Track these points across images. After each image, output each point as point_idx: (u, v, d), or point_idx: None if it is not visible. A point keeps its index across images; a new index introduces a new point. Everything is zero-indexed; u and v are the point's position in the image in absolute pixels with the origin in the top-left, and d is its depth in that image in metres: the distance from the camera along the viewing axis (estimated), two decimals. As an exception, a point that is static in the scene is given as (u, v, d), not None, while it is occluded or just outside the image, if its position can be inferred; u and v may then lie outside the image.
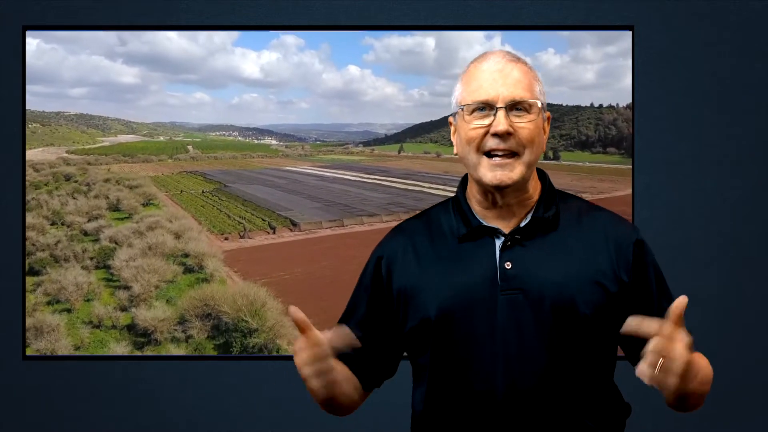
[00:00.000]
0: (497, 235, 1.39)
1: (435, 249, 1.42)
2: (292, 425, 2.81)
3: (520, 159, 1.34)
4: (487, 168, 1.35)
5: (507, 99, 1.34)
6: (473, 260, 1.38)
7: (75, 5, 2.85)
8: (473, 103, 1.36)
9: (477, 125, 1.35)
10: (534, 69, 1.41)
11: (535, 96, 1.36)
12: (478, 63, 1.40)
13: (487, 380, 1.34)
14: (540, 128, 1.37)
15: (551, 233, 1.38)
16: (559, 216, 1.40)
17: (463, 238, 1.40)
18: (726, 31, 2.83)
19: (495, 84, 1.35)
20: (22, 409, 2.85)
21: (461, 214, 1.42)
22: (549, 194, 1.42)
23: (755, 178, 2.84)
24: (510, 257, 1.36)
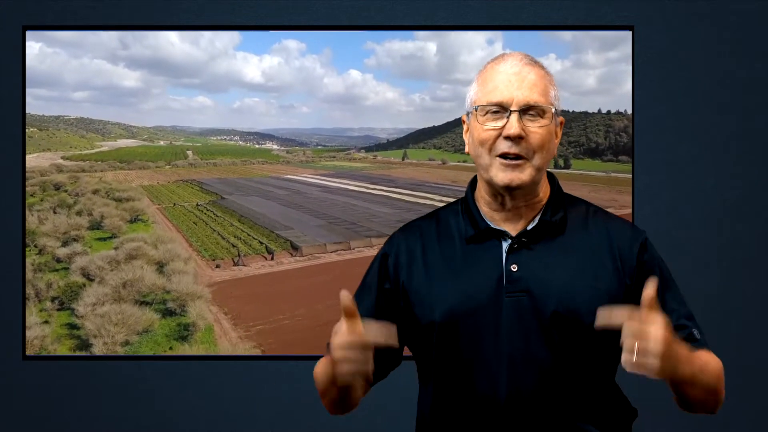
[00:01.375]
0: (504, 237, 1.39)
1: (442, 250, 1.42)
2: (292, 425, 2.81)
3: (530, 162, 1.35)
4: (499, 169, 1.35)
5: (521, 103, 1.34)
6: (480, 262, 1.39)
7: (75, 5, 2.85)
8: (488, 104, 1.36)
9: (490, 127, 1.35)
10: (550, 74, 1.41)
11: (549, 101, 1.37)
12: (496, 64, 1.40)
13: (490, 383, 1.34)
14: (552, 133, 1.38)
15: (558, 237, 1.39)
16: (566, 219, 1.41)
17: (471, 239, 1.41)
18: (726, 31, 2.83)
19: (510, 87, 1.35)
20: (22, 409, 2.85)
21: (469, 216, 1.42)
22: (557, 198, 1.43)
23: (755, 178, 2.84)
24: (516, 260, 1.37)
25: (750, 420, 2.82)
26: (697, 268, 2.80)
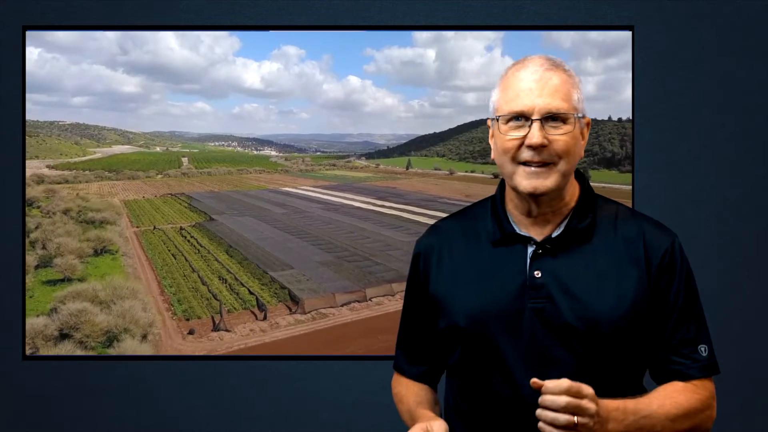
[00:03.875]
0: (530, 242, 1.39)
1: (469, 252, 1.43)
2: (292, 425, 2.80)
3: (555, 168, 1.34)
4: (523, 176, 1.35)
5: (543, 111, 1.33)
6: (505, 267, 1.39)
7: (75, 5, 2.85)
8: (509, 113, 1.35)
9: (512, 137, 1.35)
10: (574, 75, 1.39)
11: (572, 105, 1.35)
12: (516, 70, 1.38)
13: (513, 387, 1.35)
14: (577, 138, 1.36)
15: (585, 243, 1.38)
16: (594, 225, 1.39)
17: (497, 243, 1.41)
18: (726, 31, 2.83)
19: (531, 94, 1.34)
20: (22, 409, 2.85)
21: (497, 219, 1.42)
22: (586, 201, 1.41)
23: (755, 178, 2.84)
24: (540, 266, 1.36)
25: (750, 420, 2.82)
26: (697, 268, 2.79)
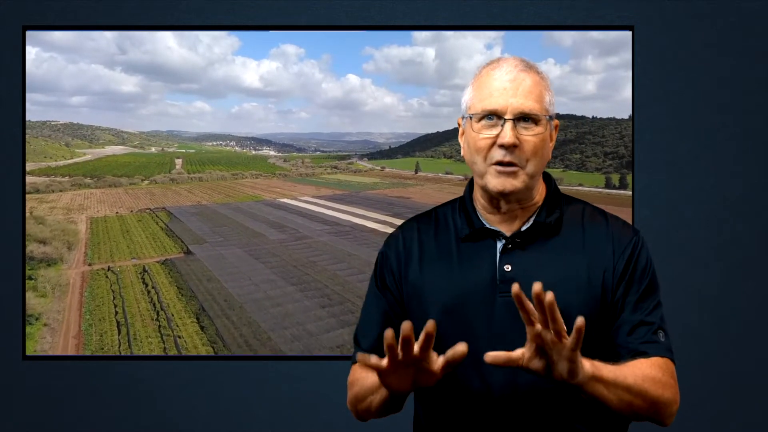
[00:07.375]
0: (499, 237, 1.40)
1: (438, 247, 1.44)
2: (292, 425, 2.80)
3: (524, 170, 1.36)
4: (493, 176, 1.36)
5: (516, 111, 1.35)
6: (474, 261, 1.40)
7: (75, 5, 2.85)
8: (482, 111, 1.36)
9: (485, 135, 1.36)
10: (546, 77, 1.41)
11: (544, 107, 1.37)
12: (491, 69, 1.39)
13: (483, 381, 1.36)
14: (546, 140, 1.38)
15: (553, 237, 1.40)
16: (562, 220, 1.42)
17: (466, 238, 1.42)
18: (726, 31, 2.83)
19: (505, 94, 1.35)
20: (22, 409, 2.85)
21: (466, 215, 1.44)
22: (553, 198, 1.44)
23: (755, 178, 2.84)
24: (510, 260, 1.38)
25: (750, 420, 2.82)
26: (697, 268, 2.80)
